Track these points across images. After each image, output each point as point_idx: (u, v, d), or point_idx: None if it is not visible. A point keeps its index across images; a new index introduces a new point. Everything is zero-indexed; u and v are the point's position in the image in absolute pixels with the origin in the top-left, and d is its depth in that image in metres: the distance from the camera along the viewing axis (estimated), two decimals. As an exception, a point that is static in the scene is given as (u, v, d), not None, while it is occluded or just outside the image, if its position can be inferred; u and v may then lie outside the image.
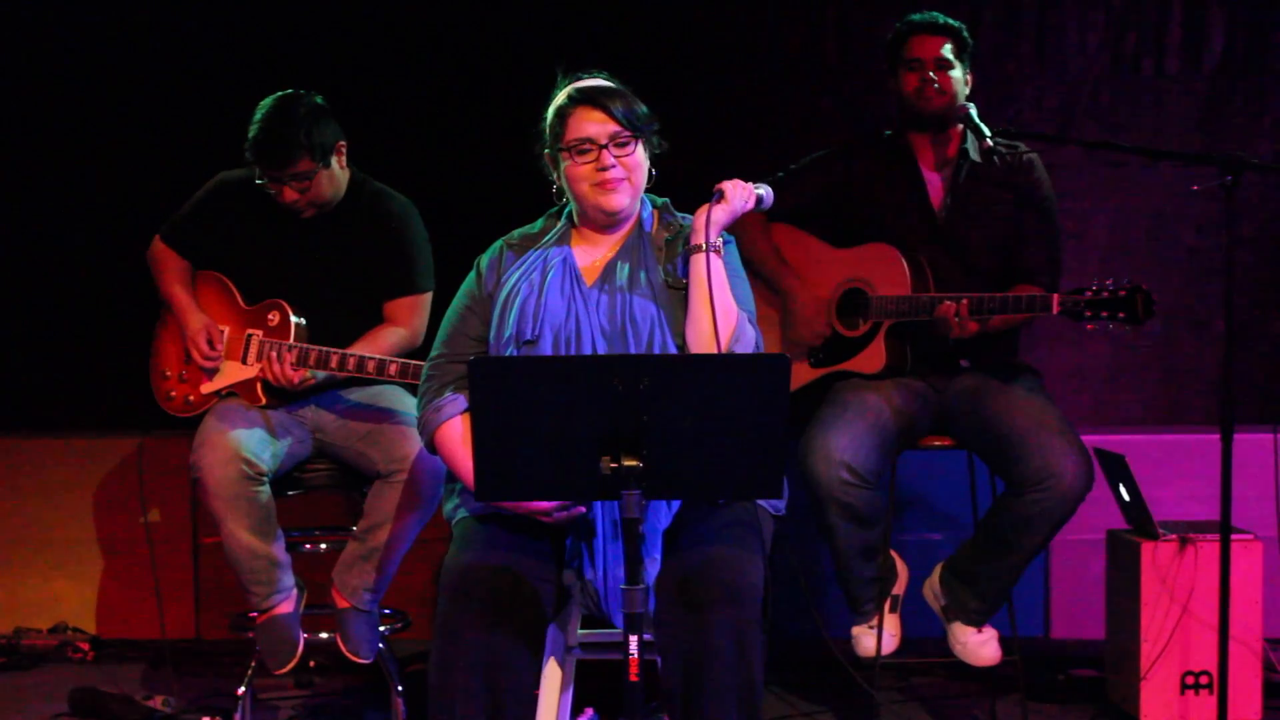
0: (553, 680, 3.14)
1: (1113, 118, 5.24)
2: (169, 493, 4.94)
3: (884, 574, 4.03)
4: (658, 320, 3.12)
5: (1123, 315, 3.66)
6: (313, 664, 4.61)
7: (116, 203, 5.25)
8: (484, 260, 3.28)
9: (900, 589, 4.10)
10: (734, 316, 3.10)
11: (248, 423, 3.92)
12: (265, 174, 3.94)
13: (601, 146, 3.14)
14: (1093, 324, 3.70)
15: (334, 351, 3.89)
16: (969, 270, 4.07)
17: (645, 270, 3.18)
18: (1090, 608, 4.60)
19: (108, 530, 5.09)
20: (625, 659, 2.69)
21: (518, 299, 3.16)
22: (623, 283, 3.17)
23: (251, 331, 4.03)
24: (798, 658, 4.55)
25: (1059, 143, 4.94)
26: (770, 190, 3.25)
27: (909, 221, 4.11)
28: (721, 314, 3.06)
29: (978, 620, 3.99)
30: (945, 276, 4.04)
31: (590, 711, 3.73)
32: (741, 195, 3.19)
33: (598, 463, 2.66)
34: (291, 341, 3.95)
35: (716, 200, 3.16)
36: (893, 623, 4.05)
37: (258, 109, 3.94)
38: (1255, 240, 5.21)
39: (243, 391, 4.02)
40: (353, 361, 3.88)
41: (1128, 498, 4.16)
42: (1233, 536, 3.70)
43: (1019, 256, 4.09)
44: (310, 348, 3.91)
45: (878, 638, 4.01)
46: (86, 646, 4.94)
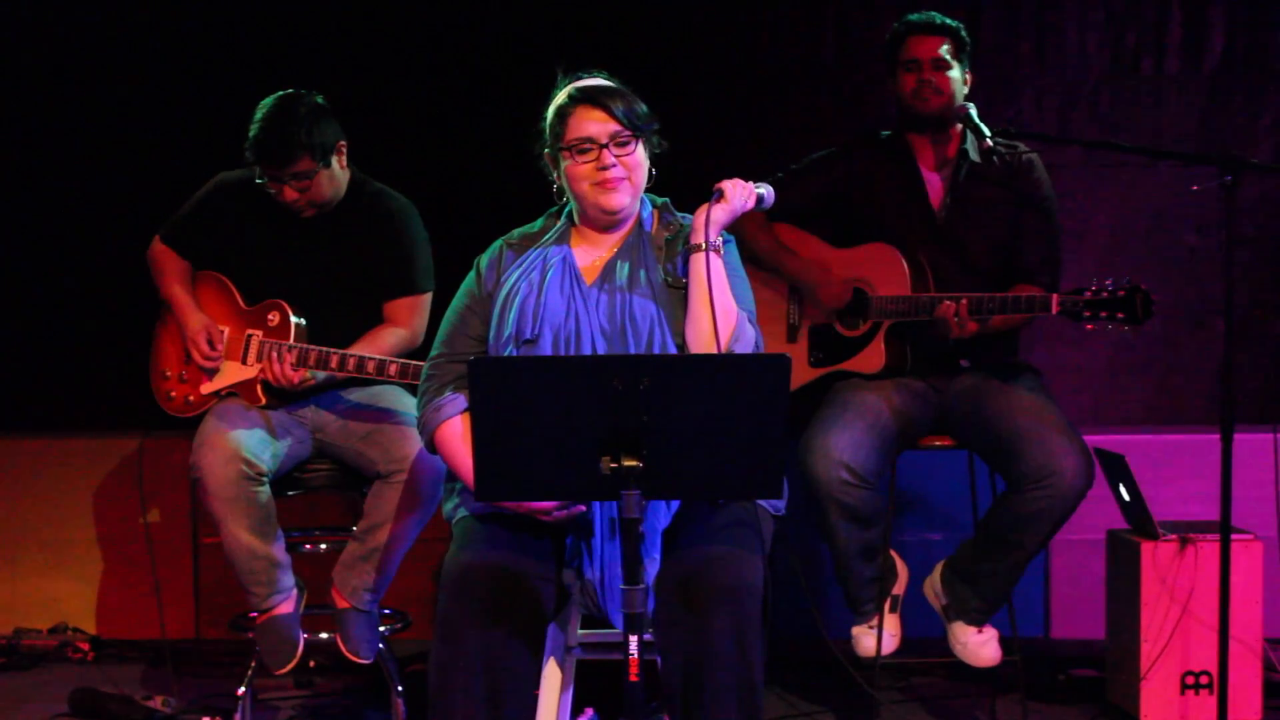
0: (553, 680, 3.13)
1: (1113, 118, 5.23)
2: (169, 493, 4.93)
3: (884, 574, 4.04)
4: (658, 320, 3.12)
5: (1122, 315, 3.67)
6: (313, 664, 4.61)
7: (116, 203, 5.25)
8: (484, 260, 3.28)
9: (900, 589, 4.10)
10: (734, 316, 3.10)
11: (248, 423, 3.92)
12: (266, 173, 3.94)
13: (602, 146, 3.13)
14: (1092, 324, 3.70)
15: (334, 352, 3.89)
16: (969, 270, 4.07)
17: (645, 270, 3.17)
18: (1090, 608, 4.59)
19: (108, 530, 5.08)
20: (625, 659, 2.69)
21: (517, 298, 3.16)
22: (622, 282, 3.16)
23: (251, 332, 4.03)
24: (798, 658, 4.55)
25: (1059, 143, 4.94)
26: (770, 189, 3.24)
27: (909, 221, 4.11)
28: (721, 314, 3.06)
29: (978, 619, 3.99)
30: (945, 276, 4.04)
31: (590, 711, 3.73)
32: (741, 194, 3.18)
33: (597, 463, 2.66)
34: (291, 342, 3.95)
35: (716, 199, 3.16)
36: (893, 623, 4.06)
37: (258, 108, 3.94)
38: (1255, 240, 5.21)
39: (243, 392, 4.02)
40: (352, 362, 3.88)
41: (1128, 498, 4.16)
42: (1233, 536, 3.70)
43: (1018, 256, 4.09)
44: (310, 348, 3.91)
45: (878, 638, 4.01)
46: (86, 646, 4.94)
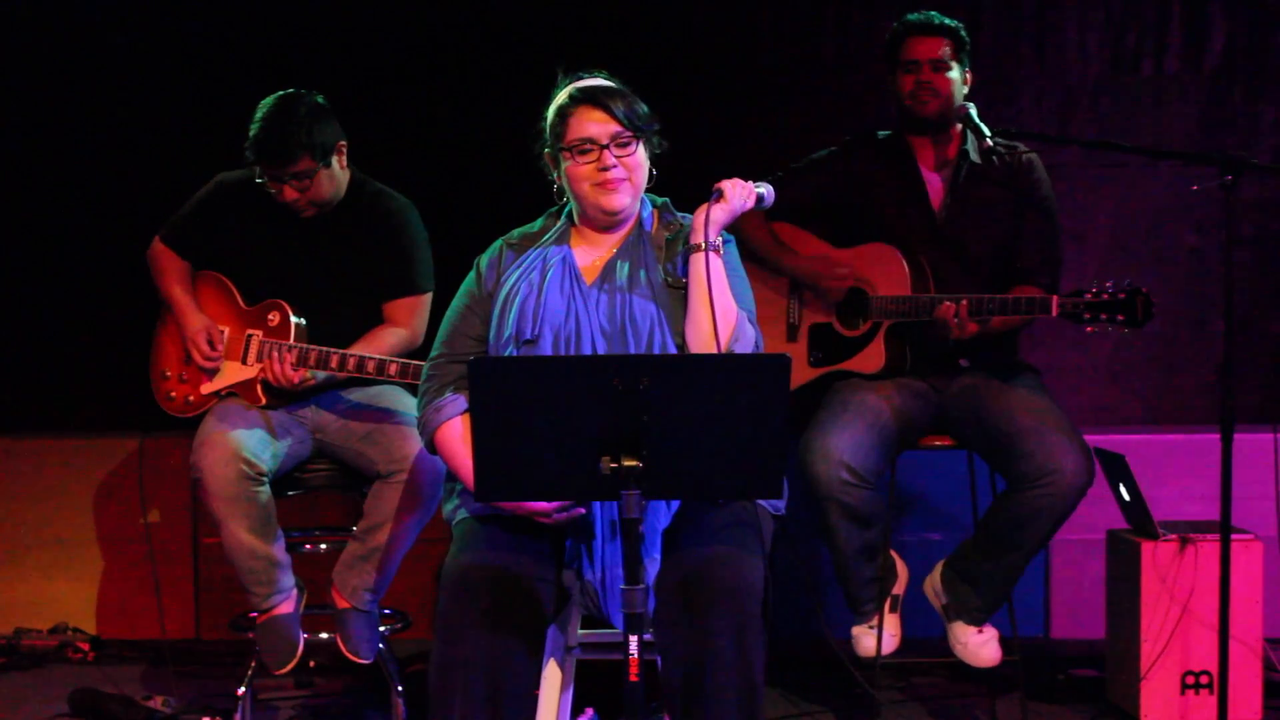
0: (553, 680, 3.13)
1: (1113, 118, 5.23)
2: (169, 493, 4.94)
3: (884, 574, 4.04)
4: (658, 320, 3.11)
5: (1122, 317, 3.67)
6: (313, 664, 4.60)
7: (116, 203, 5.24)
8: (484, 260, 3.28)
9: (900, 589, 4.10)
10: (733, 315, 3.10)
11: (248, 423, 3.92)
12: (266, 173, 3.94)
13: (603, 147, 3.13)
14: (1093, 326, 3.70)
15: (334, 352, 3.89)
16: (969, 271, 4.07)
17: (645, 270, 3.17)
18: (1090, 608, 4.60)
19: (108, 530, 5.08)
20: (625, 659, 2.69)
21: (517, 298, 3.16)
22: (622, 282, 3.16)
23: (251, 332, 4.03)
24: (798, 658, 4.55)
25: (1059, 143, 4.94)
26: (770, 189, 3.24)
27: (909, 222, 4.11)
28: (721, 314, 3.05)
29: (979, 619, 3.99)
30: (945, 277, 4.04)
31: (590, 711, 3.72)
32: (741, 194, 3.18)
33: (597, 463, 2.66)
34: (291, 342, 3.95)
35: (715, 199, 3.16)
36: (893, 623, 4.06)
37: (258, 108, 3.94)
38: (1255, 240, 5.21)
39: (243, 392, 4.02)
40: (353, 362, 3.88)
41: (1128, 498, 4.16)
42: (1233, 536, 3.70)
43: (1018, 257, 4.09)
44: (310, 348, 3.91)
45: (878, 638, 4.01)
46: (86, 646, 4.93)
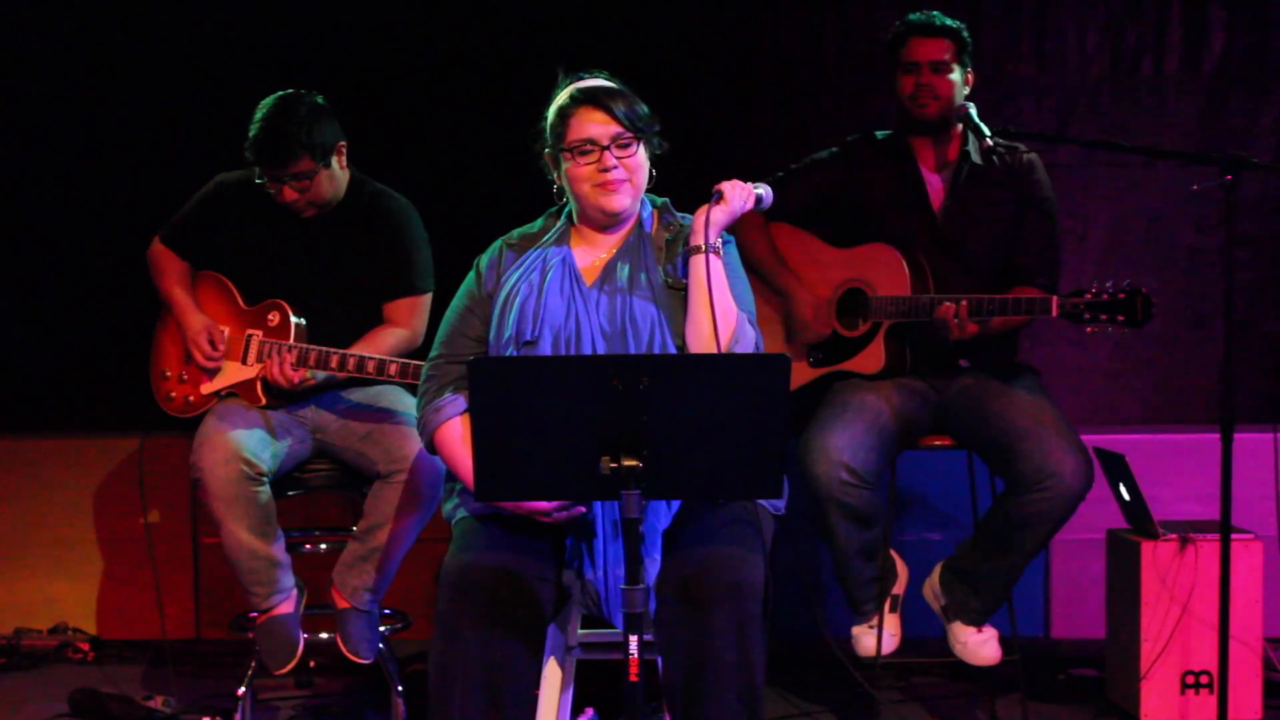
0: (553, 680, 3.13)
1: (1113, 118, 5.23)
2: (169, 493, 4.93)
3: (884, 574, 4.03)
4: (658, 321, 3.11)
5: (1122, 318, 3.67)
6: (313, 664, 4.60)
7: (116, 203, 5.24)
8: (484, 260, 3.28)
9: (900, 589, 4.10)
10: (733, 317, 3.10)
11: (248, 423, 3.92)
12: (265, 173, 3.94)
13: (603, 147, 3.13)
14: (1092, 326, 3.70)
15: (334, 352, 3.89)
16: (969, 271, 4.06)
17: (645, 271, 3.17)
18: (1090, 608, 4.60)
19: (108, 530, 5.08)
20: (625, 659, 2.69)
21: (517, 299, 3.16)
22: (623, 283, 3.16)
23: (251, 332, 4.03)
24: (798, 658, 4.55)
25: (1059, 143, 4.94)
26: (769, 190, 3.24)
27: (909, 222, 4.11)
28: (721, 315, 3.05)
29: (978, 620, 3.99)
30: (945, 277, 4.03)
31: (590, 711, 3.72)
32: (740, 195, 3.18)
33: (597, 463, 2.66)
34: (291, 342, 3.95)
35: (715, 201, 3.16)
36: (893, 623, 4.06)
37: (258, 108, 3.94)
38: (1254, 240, 5.21)
39: (243, 392, 4.02)
40: (352, 362, 3.88)
41: (1128, 497, 4.16)
42: (1233, 536, 3.70)
43: (1018, 257, 4.09)
44: (310, 348, 3.91)
45: (878, 638, 4.01)
46: (86, 646, 4.94)
